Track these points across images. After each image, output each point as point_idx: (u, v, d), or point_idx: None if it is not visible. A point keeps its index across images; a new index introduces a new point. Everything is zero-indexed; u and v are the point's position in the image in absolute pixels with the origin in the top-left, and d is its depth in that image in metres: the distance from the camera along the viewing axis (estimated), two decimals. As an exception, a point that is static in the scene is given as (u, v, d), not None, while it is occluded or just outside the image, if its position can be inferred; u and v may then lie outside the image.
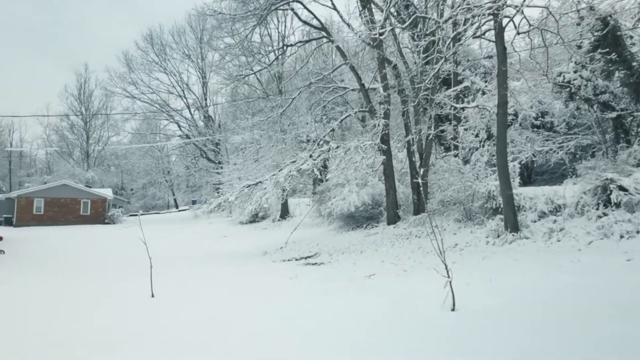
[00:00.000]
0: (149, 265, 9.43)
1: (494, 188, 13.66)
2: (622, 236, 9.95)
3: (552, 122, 21.11)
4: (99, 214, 40.80)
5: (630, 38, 15.65)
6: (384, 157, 17.71)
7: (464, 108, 17.66)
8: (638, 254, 8.74)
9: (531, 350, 4.88)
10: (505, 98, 12.14)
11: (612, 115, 16.57)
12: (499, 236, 12.05)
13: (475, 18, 11.68)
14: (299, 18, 20.33)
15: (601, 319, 5.63)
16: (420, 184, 14.11)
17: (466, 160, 17.89)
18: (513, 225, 11.82)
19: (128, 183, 69.25)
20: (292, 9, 20.35)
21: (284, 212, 30.73)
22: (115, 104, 56.59)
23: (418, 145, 17.51)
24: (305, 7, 19.45)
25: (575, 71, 16.79)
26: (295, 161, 17.23)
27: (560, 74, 17.07)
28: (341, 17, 19.12)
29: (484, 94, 17.97)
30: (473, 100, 18.07)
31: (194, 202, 52.72)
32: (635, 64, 15.11)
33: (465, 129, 18.55)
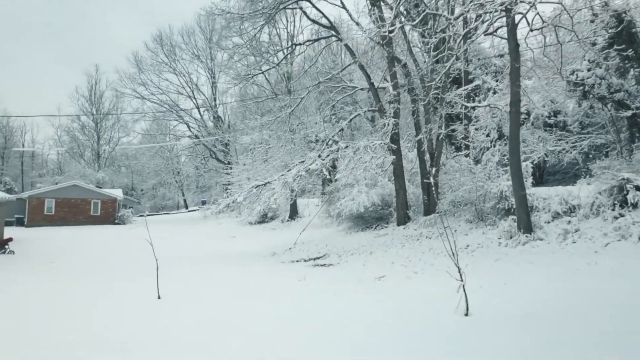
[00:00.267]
0: (156, 266, 9.32)
1: (506, 188, 13.42)
2: (641, 238, 9.66)
3: (565, 121, 20.78)
4: (109, 214, 40.98)
5: (646, 35, 15.32)
6: (394, 157, 17.49)
7: (475, 107, 17.40)
8: (659, 256, 8.47)
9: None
10: (518, 96, 11.89)
11: (627, 113, 16.24)
12: (511, 237, 11.79)
13: (487, 15, 11.45)
14: (308, 17, 20.17)
15: (629, 326, 5.29)
16: (430, 184, 13.90)
17: (477, 160, 17.64)
18: (526, 226, 11.56)
19: (138, 184, 69.65)
20: (301, 8, 20.19)
21: (293, 213, 30.62)
22: (126, 104, 56.93)
23: (428, 145, 17.26)
24: (314, 6, 19.29)
25: (589, 69, 16.49)
26: (303, 161, 17.06)
27: (574, 72, 16.77)
28: (350, 16, 18.93)
29: (495, 93, 17.68)
30: (484, 99, 17.79)
31: (203, 203, 52.84)
32: (651, 61, 14.79)
33: (476, 129, 18.29)
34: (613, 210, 11.05)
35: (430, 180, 12.29)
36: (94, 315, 7.82)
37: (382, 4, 17.19)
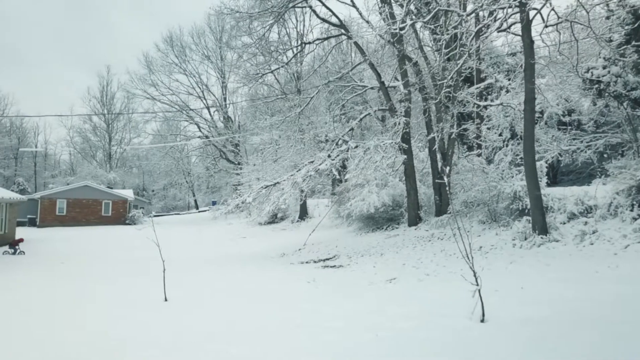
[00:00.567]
0: (163, 268, 9.20)
1: (520, 188, 13.14)
2: (662, 239, 9.34)
3: (580, 120, 20.35)
4: (120, 214, 41.17)
5: (665, 31, 14.89)
6: (405, 157, 17.24)
7: (488, 106, 17.10)
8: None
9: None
10: (533, 93, 11.59)
11: (645, 112, 15.82)
12: (526, 239, 11.49)
13: (501, 11, 11.20)
14: (317, 15, 19.97)
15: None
16: (442, 184, 13.64)
17: (489, 160, 17.33)
18: (541, 227, 11.26)
19: (149, 184, 70.05)
20: (311, 7, 19.98)
21: (303, 213, 30.49)
22: (136, 105, 57.15)
23: (440, 144, 16.98)
24: (323, 4, 19.10)
25: (605, 67, 16.09)
26: (313, 161, 16.87)
27: (589, 69, 16.38)
28: (360, 14, 18.70)
29: (507, 91, 17.36)
30: (496, 98, 17.48)
31: (213, 203, 52.88)
32: (669, 57, 14.38)
33: (489, 128, 17.99)
34: (632, 211, 10.72)
35: (444, 179, 12.03)
36: (94, 316, 7.76)
37: (393, 1, 16.95)
